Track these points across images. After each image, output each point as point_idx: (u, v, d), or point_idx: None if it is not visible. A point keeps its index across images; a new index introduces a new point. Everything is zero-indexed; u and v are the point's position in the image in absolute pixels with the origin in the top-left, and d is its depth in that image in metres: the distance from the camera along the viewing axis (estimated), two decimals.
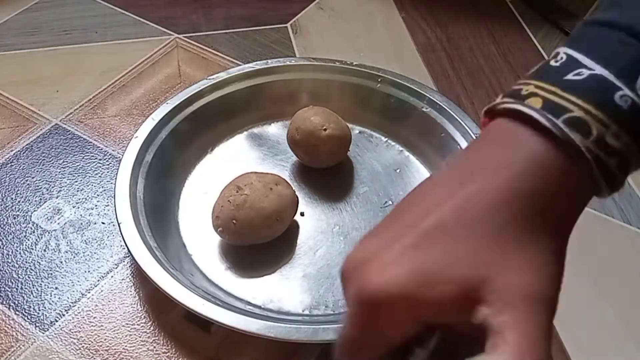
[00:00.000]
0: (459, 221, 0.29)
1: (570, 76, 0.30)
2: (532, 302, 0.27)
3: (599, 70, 0.29)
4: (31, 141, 0.69)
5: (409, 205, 0.32)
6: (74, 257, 0.58)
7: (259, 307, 0.54)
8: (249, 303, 0.54)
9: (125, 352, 0.52)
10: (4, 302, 0.55)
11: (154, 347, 0.52)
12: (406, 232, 0.29)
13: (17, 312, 0.54)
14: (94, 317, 0.54)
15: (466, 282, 0.28)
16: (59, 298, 0.55)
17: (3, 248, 0.59)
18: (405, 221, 0.30)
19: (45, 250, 0.59)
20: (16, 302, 0.55)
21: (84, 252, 0.59)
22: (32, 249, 0.59)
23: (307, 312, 0.54)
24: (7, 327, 0.53)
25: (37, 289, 0.56)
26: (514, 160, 0.29)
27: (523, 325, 0.27)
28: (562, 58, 0.31)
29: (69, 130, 0.70)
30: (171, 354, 0.52)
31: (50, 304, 0.55)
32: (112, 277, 0.57)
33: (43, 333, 0.53)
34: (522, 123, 0.30)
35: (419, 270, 0.28)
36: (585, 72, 0.29)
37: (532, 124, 0.29)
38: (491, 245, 0.28)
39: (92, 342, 0.52)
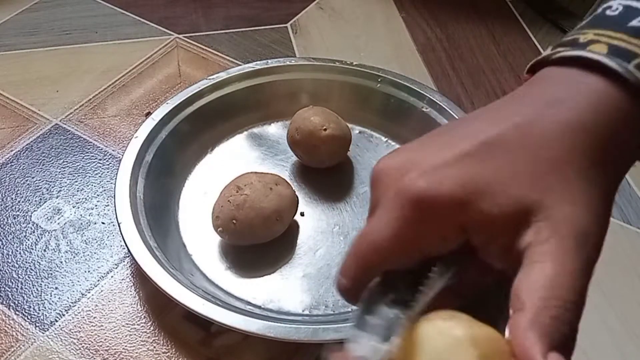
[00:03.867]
0: (523, 140, 0.27)
1: (635, 22, 0.29)
2: (580, 238, 0.26)
3: None
4: (31, 141, 0.69)
5: (461, 123, 0.30)
6: (74, 257, 0.58)
7: (259, 307, 0.54)
8: (249, 303, 0.54)
9: (125, 352, 0.52)
10: (4, 302, 0.55)
11: (154, 347, 0.52)
12: (462, 141, 0.28)
13: (17, 312, 0.54)
14: (94, 317, 0.54)
15: (522, 202, 0.26)
16: (59, 298, 0.55)
17: (3, 248, 0.59)
18: (458, 134, 0.29)
19: (45, 250, 0.59)
20: (16, 302, 0.55)
21: (84, 252, 0.59)
22: (32, 249, 0.59)
23: (307, 312, 0.54)
24: (7, 327, 0.53)
25: (37, 289, 0.56)
26: (578, 97, 0.28)
27: (565, 258, 0.25)
28: (617, 8, 0.30)
29: (69, 130, 0.70)
30: (171, 354, 0.52)
31: (50, 304, 0.55)
32: (112, 277, 0.57)
33: (43, 333, 0.53)
34: (580, 68, 0.29)
35: (475, 177, 0.27)
36: None
37: (592, 69, 0.28)
38: (554, 170, 0.27)
39: (92, 342, 0.52)
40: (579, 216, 0.26)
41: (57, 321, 0.54)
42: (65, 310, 0.55)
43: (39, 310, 0.55)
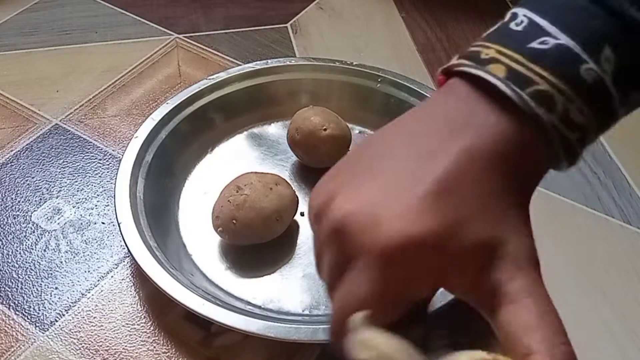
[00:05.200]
0: (464, 178, 0.28)
1: (534, 44, 0.29)
2: (535, 265, 0.27)
3: (564, 40, 0.28)
4: (31, 141, 0.69)
5: (387, 153, 0.30)
6: (74, 257, 0.58)
7: (259, 307, 0.54)
8: (249, 303, 0.54)
9: (125, 352, 0.52)
10: (4, 302, 0.55)
11: (154, 347, 0.52)
12: (415, 183, 0.28)
13: (17, 312, 0.54)
14: (94, 317, 0.54)
15: (487, 240, 0.27)
16: (59, 298, 0.55)
17: (3, 248, 0.59)
18: (397, 171, 0.29)
19: (45, 250, 0.59)
20: (16, 302, 0.55)
21: (84, 252, 0.59)
22: (32, 249, 0.59)
23: (307, 312, 0.54)
24: (7, 327, 0.53)
25: (37, 289, 0.56)
26: (480, 122, 0.29)
27: (539, 291, 0.27)
28: (522, 22, 0.30)
29: (69, 130, 0.70)
30: (171, 354, 0.52)
31: (50, 304, 0.55)
32: (112, 277, 0.57)
33: (43, 333, 0.53)
34: (481, 89, 0.29)
35: (445, 221, 0.27)
36: (551, 42, 0.28)
37: (492, 90, 0.29)
38: (498, 204, 0.28)
39: (92, 342, 0.52)
40: (526, 243, 0.28)
41: (57, 321, 0.54)
42: (65, 310, 0.55)
43: (39, 310, 0.55)
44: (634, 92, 0.30)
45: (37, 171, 0.66)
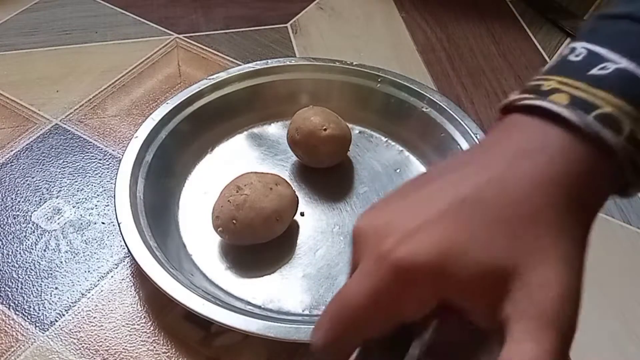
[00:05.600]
0: (495, 199, 0.27)
1: (595, 71, 0.29)
2: (560, 304, 0.25)
3: (625, 64, 0.28)
4: (31, 141, 0.69)
5: (439, 176, 0.30)
6: (74, 257, 0.58)
7: (259, 307, 0.54)
8: (249, 303, 0.54)
9: (125, 352, 0.52)
10: (4, 302, 0.55)
11: (154, 347, 0.52)
12: (436, 200, 0.28)
13: (17, 312, 0.54)
14: (94, 317, 0.54)
15: (499, 267, 0.26)
16: (59, 298, 0.55)
17: (3, 248, 0.59)
18: (432, 191, 0.29)
19: (45, 250, 0.59)
20: (16, 302, 0.55)
21: (84, 252, 0.59)
22: (32, 249, 0.59)
23: (307, 312, 0.54)
24: (7, 327, 0.53)
25: (37, 289, 0.56)
26: (544, 149, 0.28)
27: (545, 339, 0.25)
28: (581, 53, 0.30)
29: (69, 130, 0.70)
30: (171, 354, 0.52)
31: (50, 304, 0.55)
32: (112, 277, 0.57)
33: (43, 333, 0.53)
34: (543, 118, 0.29)
35: (453, 244, 0.26)
36: (611, 66, 0.29)
37: (555, 119, 0.28)
38: (528, 229, 0.27)
39: (92, 342, 0.52)
40: (555, 277, 0.26)
41: (57, 321, 0.54)
42: (65, 310, 0.55)
43: (39, 310, 0.55)
44: None
45: (37, 171, 0.66)
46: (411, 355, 0.28)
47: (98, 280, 0.57)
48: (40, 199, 0.63)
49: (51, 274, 0.57)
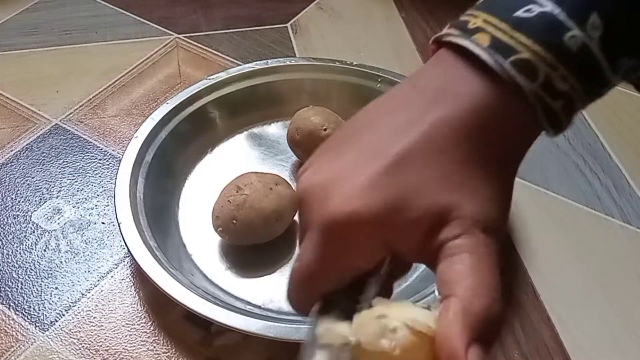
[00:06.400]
0: (428, 148, 0.28)
1: (520, 12, 0.29)
2: (487, 231, 0.28)
3: (550, 7, 0.28)
4: (31, 141, 0.69)
5: (368, 126, 0.31)
6: (74, 257, 0.58)
7: (259, 307, 0.54)
8: (249, 303, 0.54)
9: (125, 352, 0.52)
10: (4, 302, 0.55)
11: (154, 347, 0.52)
12: (375, 157, 0.29)
13: (17, 312, 0.54)
14: (94, 317, 0.54)
15: (437, 208, 0.28)
16: (59, 298, 0.55)
17: (3, 248, 0.59)
18: (369, 144, 0.30)
19: (45, 250, 0.59)
20: (16, 302, 0.55)
21: (84, 252, 0.59)
22: (32, 249, 0.59)
23: None
24: (7, 327, 0.53)
25: (37, 289, 0.56)
26: (462, 92, 0.29)
27: (479, 249, 0.27)
28: None
29: (69, 130, 0.70)
30: (171, 354, 0.52)
31: (50, 304, 0.55)
32: (112, 277, 0.57)
33: (43, 333, 0.53)
34: (467, 59, 0.29)
35: (393, 195, 0.28)
36: (536, 9, 0.28)
37: (476, 61, 0.29)
38: (460, 172, 0.28)
39: (92, 342, 0.52)
40: (484, 211, 0.28)
41: (57, 321, 0.54)
42: (65, 310, 0.55)
43: (39, 310, 0.55)
44: (625, 58, 0.30)
45: (37, 171, 0.66)
46: (368, 295, 0.30)
47: (98, 280, 0.57)
48: (40, 199, 0.63)
49: (51, 274, 0.57)
